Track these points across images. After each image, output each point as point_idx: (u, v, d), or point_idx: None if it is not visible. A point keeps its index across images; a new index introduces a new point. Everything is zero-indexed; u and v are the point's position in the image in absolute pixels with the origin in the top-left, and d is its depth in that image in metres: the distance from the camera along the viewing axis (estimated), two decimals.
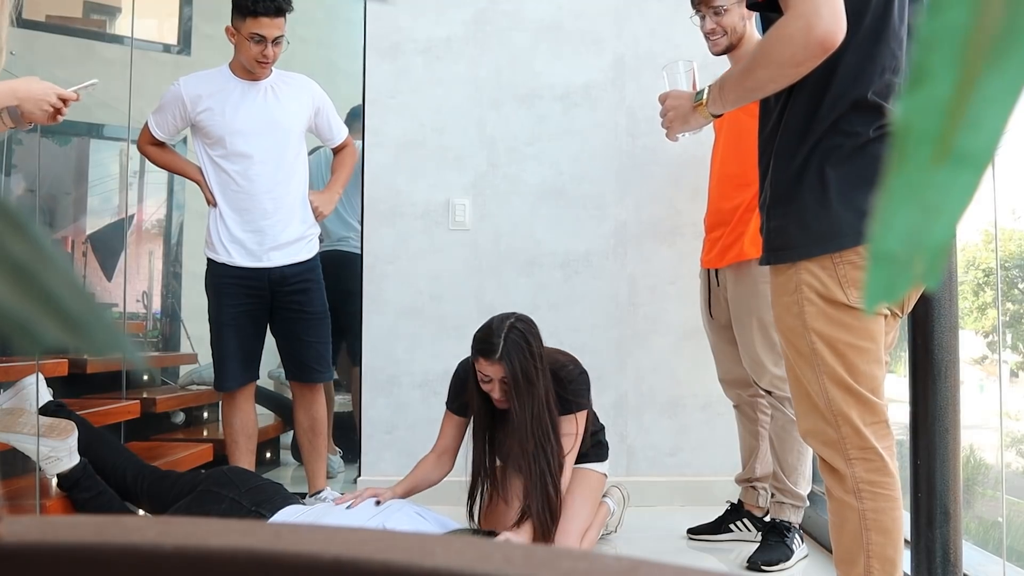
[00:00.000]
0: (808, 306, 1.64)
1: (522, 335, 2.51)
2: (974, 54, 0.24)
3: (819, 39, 1.49)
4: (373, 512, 2.46)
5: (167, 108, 3.08)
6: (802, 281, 1.64)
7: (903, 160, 0.25)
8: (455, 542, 0.33)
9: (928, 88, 0.24)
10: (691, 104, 1.81)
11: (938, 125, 0.25)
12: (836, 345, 1.63)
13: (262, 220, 3.03)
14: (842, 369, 1.63)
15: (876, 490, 1.62)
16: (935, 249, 0.26)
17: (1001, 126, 0.24)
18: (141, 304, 5.39)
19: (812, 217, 1.63)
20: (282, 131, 3.06)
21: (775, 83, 1.62)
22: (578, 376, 2.66)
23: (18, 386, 2.62)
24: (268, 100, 3.06)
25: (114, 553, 0.33)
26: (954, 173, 0.25)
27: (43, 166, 4.98)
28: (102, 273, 5.09)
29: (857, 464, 1.63)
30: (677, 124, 1.86)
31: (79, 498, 2.52)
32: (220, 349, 3.06)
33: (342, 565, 0.31)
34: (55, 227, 5.22)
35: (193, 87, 3.05)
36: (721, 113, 1.79)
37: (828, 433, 1.66)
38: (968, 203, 0.25)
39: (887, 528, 1.62)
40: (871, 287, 0.26)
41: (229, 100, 3.03)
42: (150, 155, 3.18)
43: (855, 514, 1.63)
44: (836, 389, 1.63)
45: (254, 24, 2.92)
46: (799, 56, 1.53)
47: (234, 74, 3.07)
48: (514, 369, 2.47)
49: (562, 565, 0.31)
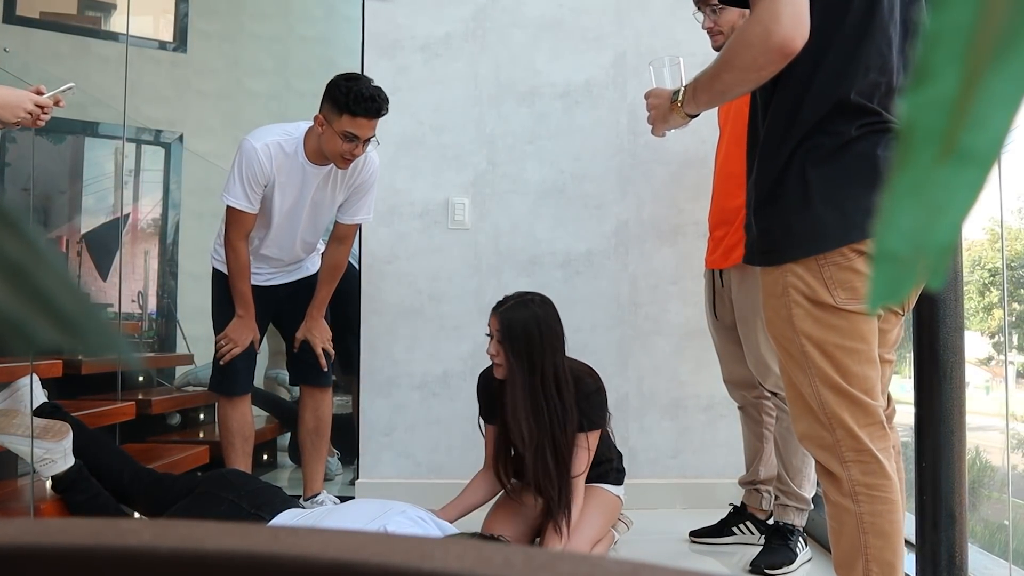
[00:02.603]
0: (796, 308, 1.63)
1: (534, 304, 2.58)
2: (979, 51, 0.24)
3: (778, 44, 1.50)
4: (374, 515, 2.43)
5: (247, 178, 2.86)
6: (788, 284, 1.64)
7: (907, 158, 0.25)
8: (455, 545, 0.32)
9: (933, 86, 0.24)
10: (669, 103, 1.83)
11: (943, 123, 0.24)
12: (825, 347, 1.62)
13: (283, 267, 3.14)
14: (833, 371, 1.62)
15: (873, 493, 1.61)
16: (940, 249, 0.26)
17: (1006, 124, 0.24)
18: (136, 304, 5.36)
19: (795, 219, 1.63)
20: (328, 211, 3.06)
21: (740, 86, 1.64)
22: (594, 392, 2.62)
23: (12, 387, 2.59)
24: (327, 186, 2.96)
25: (109, 556, 0.32)
26: (959, 171, 0.25)
27: (37, 164, 4.95)
28: (97, 273, 5.07)
29: (853, 467, 1.61)
30: (658, 123, 1.88)
31: (74, 501, 2.50)
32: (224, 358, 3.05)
33: (340, 568, 0.31)
34: (49, 226, 5.19)
35: (275, 163, 2.86)
36: (697, 113, 1.80)
37: (823, 436, 1.64)
38: (973, 202, 0.25)
39: (885, 531, 1.60)
40: (875, 287, 0.26)
41: (297, 186, 2.91)
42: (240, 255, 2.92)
43: (852, 518, 1.62)
44: (828, 391, 1.62)
45: (351, 123, 2.73)
46: (760, 61, 1.54)
47: (309, 160, 2.89)
48: (510, 323, 2.52)
49: (562, 568, 0.30)
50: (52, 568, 0.33)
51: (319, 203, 2.99)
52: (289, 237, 3.04)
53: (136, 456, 2.80)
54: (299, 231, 3.03)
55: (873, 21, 1.62)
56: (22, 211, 0.60)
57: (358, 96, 2.71)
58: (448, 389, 3.44)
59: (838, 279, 1.60)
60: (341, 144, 2.77)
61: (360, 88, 2.72)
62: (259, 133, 2.91)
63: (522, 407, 2.51)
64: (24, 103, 2.16)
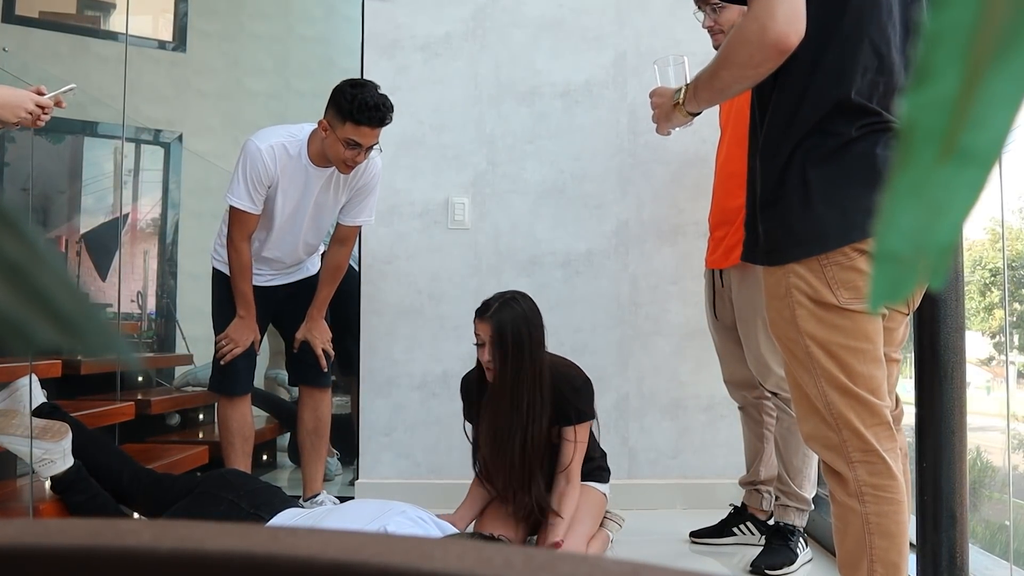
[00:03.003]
0: (799, 309, 1.63)
1: (519, 304, 2.60)
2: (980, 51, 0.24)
3: (773, 41, 1.51)
4: (373, 515, 2.42)
5: (251, 179, 2.85)
6: (791, 284, 1.64)
7: (908, 158, 0.25)
8: (455, 546, 0.32)
9: (933, 85, 0.24)
10: (672, 102, 1.85)
11: (943, 123, 0.24)
12: (830, 347, 1.62)
13: (284, 269, 3.13)
14: (838, 371, 1.62)
15: (879, 493, 1.61)
16: (940, 248, 0.26)
17: (1007, 123, 0.24)
18: (136, 304, 5.36)
19: (796, 219, 1.63)
20: (330, 214, 3.06)
21: (739, 83, 1.65)
22: (582, 385, 2.67)
23: (11, 387, 2.59)
24: (330, 188, 2.96)
25: (108, 557, 0.32)
26: (960, 171, 0.25)
27: (36, 164, 4.94)
28: (96, 273, 5.07)
29: (859, 467, 1.61)
30: (662, 121, 1.91)
31: (73, 501, 2.49)
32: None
33: (340, 569, 0.31)
34: (48, 226, 5.18)
35: (279, 165, 2.87)
36: (699, 111, 1.83)
37: (829, 437, 1.64)
38: (974, 202, 0.25)
39: (891, 532, 1.60)
40: (876, 287, 0.26)
41: (300, 189, 2.92)
42: (243, 255, 2.92)
43: (858, 518, 1.62)
44: (834, 392, 1.62)
45: (354, 131, 2.74)
46: (756, 58, 1.55)
47: (312, 162, 2.89)
48: (502, 327, 2.54)
49: (563, 569, 0.30)
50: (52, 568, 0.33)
51: (322, 205, 2.99)
52: (291, 239, 3.03)
53: (135, 456, 2.79)
54: (301, 233, 3.02)
55: (871, 21, 1.62)
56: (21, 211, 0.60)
57: (363, 105, 2.70)
58: (448, 389, 3.43)
59: (841, 279, 1.60)
60: (344, 151, 2.77)
61: (365, 96, 2.72)
62: (263, 134, 2.91)
63: (503, 405, 2.55)
64: (25, 103, 2.15)
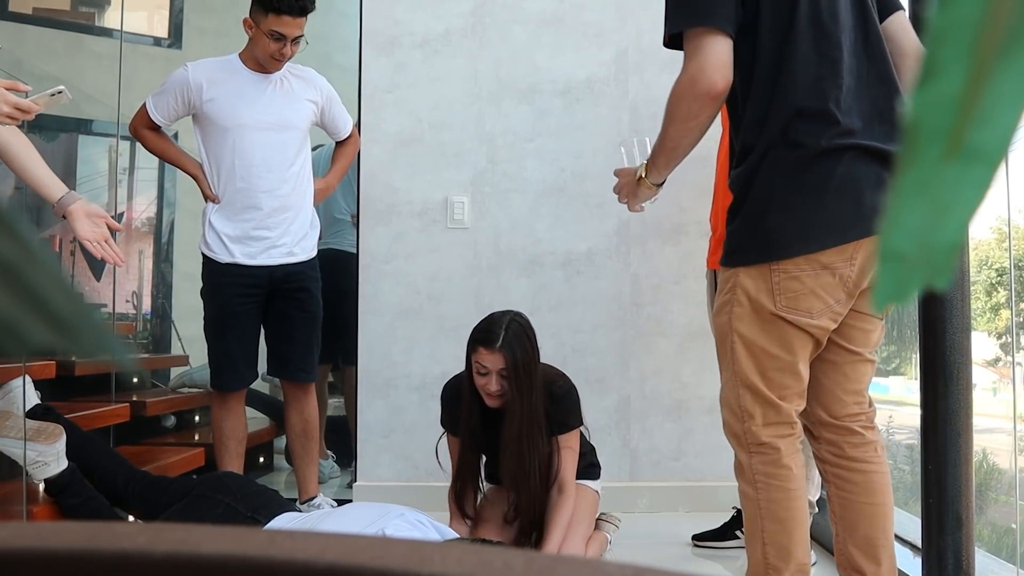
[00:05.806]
0: (737, 308, 1.75)
1: (522, 328, 2.57)
2: (986, 48, 0.23)
3: (704, 90, 1.66)
4: (372, 518, 2.40)
5: (171, 91, 2.97)
6: (738, 283, 1.75)
7: (913, 156, 0.25)
8: (454, 549, 0.32)
9: (939, 83, 0.24)
10: (635, 178, 1.94)
11: (949, 120, 0.24)
12: (753, 348, 1.74)
13: (265, 219, 2.98)
14: (753, 372, 1.74)
15: (771, 481, 1.74)
16: (946, 248, 0.25)
17: (1014, 121, 0.24)
18: (131, 305, 5.34)
19: (756, 225, 1.73)
20: (290, 129, 3.01)
21: (686, 137, 1.75)
22: (567, 393, 2.65)
23: (5, 389, 2.58)
24: (277, 95, 3.00)
25: (103, 560, 0.33)
26: (966, 169, 0.25)
27: None
28: (91, 273, 5.02)
29: (755, 456, 1.76)
30: (631, 199, 2.00)
31: (67, 504, 2.48)
32: (221, 349, 2.99)
33: (337, 572, 0.31)
34: (42, 225, 5.14)
35: (202, 73, 2.96)
36: (662, 180, 1.91)
37: (735, 426, 1.79)
38: (980, 200, 0.25)
39: (780, 517, 1.74)
40: (881, 287, 0.26)
41: (238, 92, 2.96)
42: (146, 140, 3.08)
43: (752, 503, 1.77)
44: (745, 389, 1.76)
45: (276, 22, 2.84)
46: (694, 109, 1.69)
47: (245, 65, 2.99)
48: (515, 358, 2.50)
49: (563, 572, 0.31)
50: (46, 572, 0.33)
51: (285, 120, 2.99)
52: (252, 162, 2.94)
53: (130, 459, 2.77)
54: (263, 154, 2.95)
55: (812, 30, 1.71)
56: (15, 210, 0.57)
57: None
58: None
59: (784, 287, 1.70)
60: (269, 44, 2.86)
61: None
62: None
63: (521, 437, 2.52)
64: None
